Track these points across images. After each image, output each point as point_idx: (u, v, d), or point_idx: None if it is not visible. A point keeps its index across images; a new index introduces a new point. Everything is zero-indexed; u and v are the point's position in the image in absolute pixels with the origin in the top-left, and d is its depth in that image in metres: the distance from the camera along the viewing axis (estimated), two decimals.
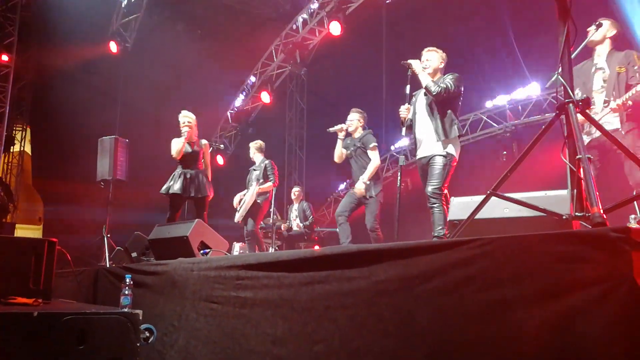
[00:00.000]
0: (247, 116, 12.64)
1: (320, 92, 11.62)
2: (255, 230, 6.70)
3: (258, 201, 6.73)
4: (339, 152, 5.60)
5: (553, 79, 3.27)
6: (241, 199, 6.68)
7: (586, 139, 4.00)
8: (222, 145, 12.61)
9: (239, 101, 12.61)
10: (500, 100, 9.64)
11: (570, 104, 2.33)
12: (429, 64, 4.47)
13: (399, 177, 4.48)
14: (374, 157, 5.41)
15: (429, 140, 4.37)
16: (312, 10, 10.44)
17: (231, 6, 10.63)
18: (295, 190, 8.73)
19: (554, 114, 2.44)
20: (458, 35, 8.50)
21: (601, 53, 4.12)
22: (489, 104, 9.85)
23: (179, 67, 11.04)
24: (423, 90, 4.54)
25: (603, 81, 4.03)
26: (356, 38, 9.97)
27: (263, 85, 11.98)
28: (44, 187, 11.36)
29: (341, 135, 5.52)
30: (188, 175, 5.87)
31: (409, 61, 4.46)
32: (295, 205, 8.59)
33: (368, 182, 5.27)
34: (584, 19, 3.49)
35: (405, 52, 4.59)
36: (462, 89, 4.38)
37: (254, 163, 6.97)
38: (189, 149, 5.92)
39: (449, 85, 4.28)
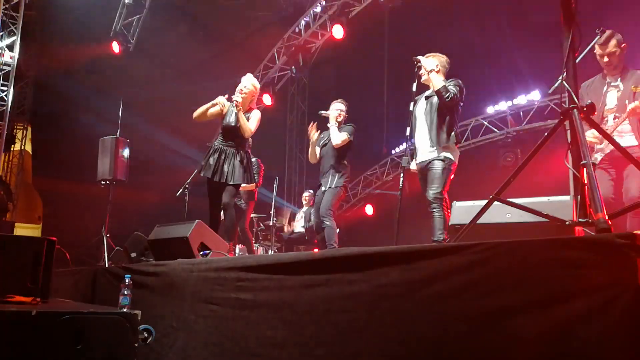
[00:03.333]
0: None
1: (321, 95, 11.62)
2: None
3: (242, 205, 6.65)
4: (313, 152, 5.37)
5: (557, 84, 3.27)
6: None
7: (599, 157, 3.95)
8: None
9: None
10: (502, 105, 9.65)
11: (575, 110, 2.31)
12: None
13: (401, 179, 4.38)
14: (345, 133, 5.10)
15: (426, 146, 4.35)
16: (314, 14, 10.45)
17: (234, 8, 10.64)
18: (306, 195, 8.73)
19: (556, 120, 2.43)
20: (460, 40, 8.51)
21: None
22: (490, 110, 9.86)
23: (181, 68, 11.04)
24: (424, 95, 4.51)
25: (617, 100, 3.91)
26: (359, 42, 9.97)
27: (265, 87, 11.98)
28: (43, 186, 11.35)
29: (332, 122, 5.22)
30: (223, 155, 4.89)
31: (419, 57, 4.33)
32: (305, 209, 8.58)
33: (335, 125, 5.12)
34: (588, 24, 3.47)
35: (407, 56, 4.55)
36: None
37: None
38: (232, 120, 4.92)
39: (456, 92, 4.25)
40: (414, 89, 4.32)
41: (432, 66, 4.31)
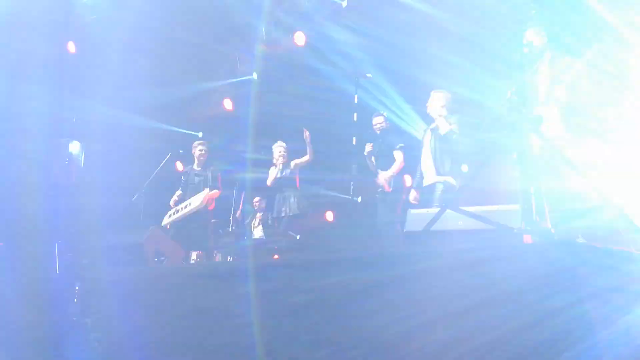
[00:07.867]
0: None
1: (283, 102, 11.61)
2: None
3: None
4: None
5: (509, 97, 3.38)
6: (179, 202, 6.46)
7: None
8: (180, 151, 12.35)
9: None
10: None
11: None
12: None
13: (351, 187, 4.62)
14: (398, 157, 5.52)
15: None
16: (277, 20, 10.44)
17: (195, 13, 10.52)
18: (256, 200, 8.65)
19: None
20: (430, 50, 8.64)
21: None
22: None
23: (139, 71, 10.83)
24: (429, 128, 4.85)
25: None
26: (322, 50, 10.00)
27: (226, 92, 11.85)
28: None
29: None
30: (282, 197, 6.40)
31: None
32: (260, 214, 8.52)
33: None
34: None
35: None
36: None
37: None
38: (280, 174, 6.40)
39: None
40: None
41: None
